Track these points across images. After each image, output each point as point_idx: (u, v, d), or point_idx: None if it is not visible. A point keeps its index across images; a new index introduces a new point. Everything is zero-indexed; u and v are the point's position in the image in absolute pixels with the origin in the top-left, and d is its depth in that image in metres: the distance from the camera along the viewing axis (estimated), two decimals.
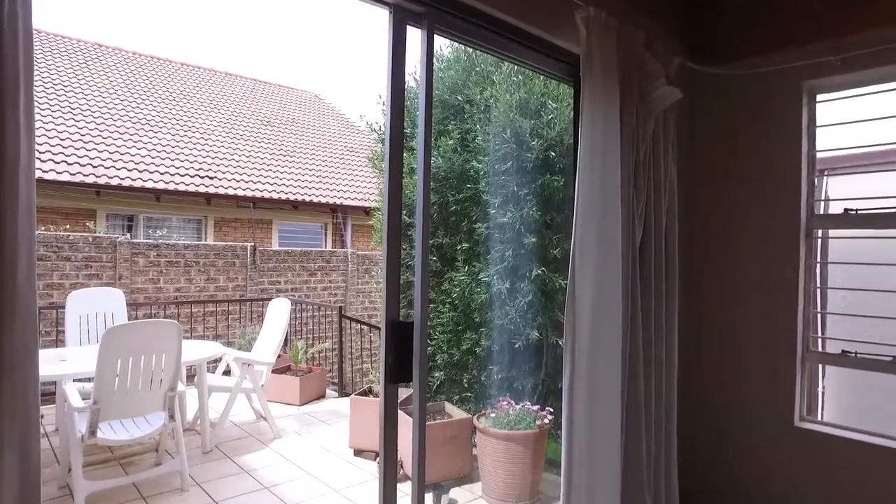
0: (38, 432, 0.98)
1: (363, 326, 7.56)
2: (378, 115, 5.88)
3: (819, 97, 2.69)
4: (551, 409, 3.74)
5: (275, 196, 10.61)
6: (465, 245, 4.12)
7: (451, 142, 4.09)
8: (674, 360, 2.62)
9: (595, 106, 2.23)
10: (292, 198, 10.85)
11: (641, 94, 2.39)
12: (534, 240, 3.77)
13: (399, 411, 4.20)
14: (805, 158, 2.67)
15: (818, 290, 2.87)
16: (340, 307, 6.62)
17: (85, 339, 4.79)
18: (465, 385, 4.34)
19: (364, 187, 12.59)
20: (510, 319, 3.91)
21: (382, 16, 1.89)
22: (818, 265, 2.86)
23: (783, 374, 2.68)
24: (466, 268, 4.10)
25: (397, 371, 1.82)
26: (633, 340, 2.36)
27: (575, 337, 2.20)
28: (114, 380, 3.32)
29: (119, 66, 13.27)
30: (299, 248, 9.16)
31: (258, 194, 10.37)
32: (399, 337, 1.81)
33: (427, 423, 4.03)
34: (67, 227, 8.01)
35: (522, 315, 3.86)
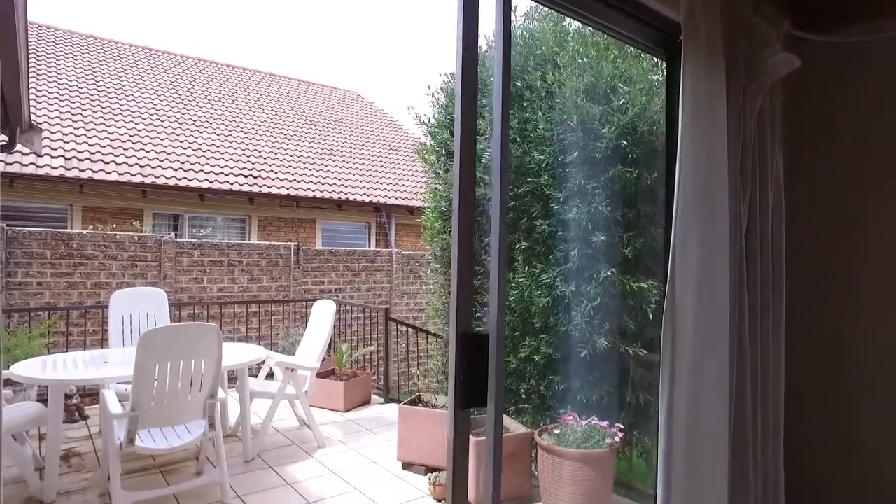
0: None
1: (409, 328, 7.30)
2: (426, 107, 5.61)
3: None
4: (621, 426, 3.37)
5: (318, 195, 10.48)
6: (525, 244, 3.78)
7: (509, 132, 3.75)
8: (780, 381, 2.23)
9: (697, 80, 1.87)
10: (336, 197, 10.70)
11: (749, 66, 2.01)
12: (603, 238, 3.40)
13: None
14: None
15: None
16: (386, 309, 6.36)
17: (128, 339, 4.68)
18: (523, 396, 4.00)
19: (408, 186, 12.37)
20: (575, 325, 3.55)
21: None
22: None
23: None
24: (526, 269, 3.76)
25: (470, 393, 1.50)
26: (740, 360, 1.99)
27: (675, 355, 1.84)
28: (152, 386, 3.13)
29: (167, 68, 13.46)
30: (343, 248, 8.98)
31: (302, 193, 10.26)
32: (472, 352, 1.50)
33: (482, 437, 3.71)
34: (115, 226, 8.03)
35: (589, 321, 3.50)
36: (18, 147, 8.09)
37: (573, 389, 3.75)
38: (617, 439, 3.28)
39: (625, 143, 3.34)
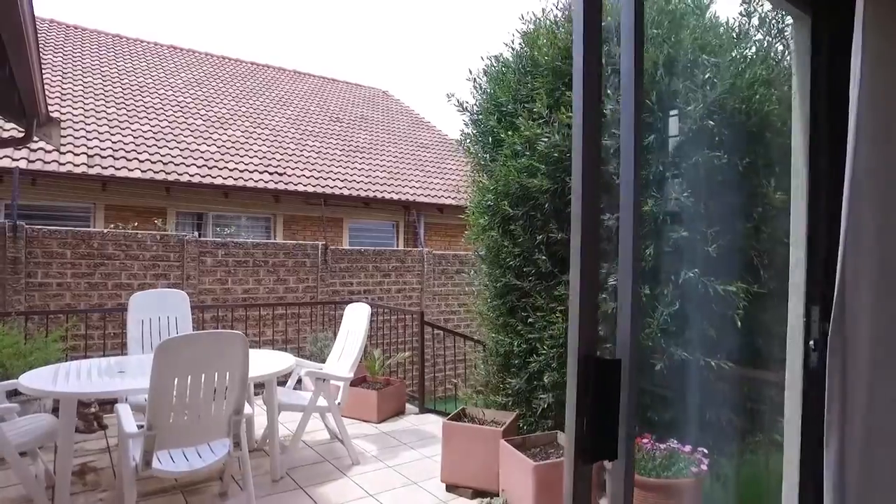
0: None
1: (442, 331, 6.90)
2: (466, 94, 5.23)
3: None
4: (705, 451, 2.91)
5: (345, 193, 10.13)
6: None
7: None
8: None
9: (879, 30, 1.41)
10: (363, 195, 10.34)
11: None
12: (683, 234, 2.94)
13: (503, 443, 3.44)
14: None
15: None
16: (421, 312, 5.96)
17: (147, 345, 4.34)
18: None
19: (437, 183, 11.96)
20: (647, 334, 3.10)
21: None
22: None
23: None
24: None
25: (596, 440, 1.08)
26: None
27: (847, 391, 1.39)
28: (170, 402, 2.76)
29: (192, 66, 13.28)
30: (372, 248, 8.60)
31: (328, 191, 9.91)
32: (599, 383, 1.08)
33: (540, 461, 3.28)
34: (136, 224, 7.76)
35: (665, 329, 3.05)
36: (41, 145, 7.92)
37: (643, 406, 3.29)
38: (704, 467, 2.82)
39: (711, 123, 2.88)
